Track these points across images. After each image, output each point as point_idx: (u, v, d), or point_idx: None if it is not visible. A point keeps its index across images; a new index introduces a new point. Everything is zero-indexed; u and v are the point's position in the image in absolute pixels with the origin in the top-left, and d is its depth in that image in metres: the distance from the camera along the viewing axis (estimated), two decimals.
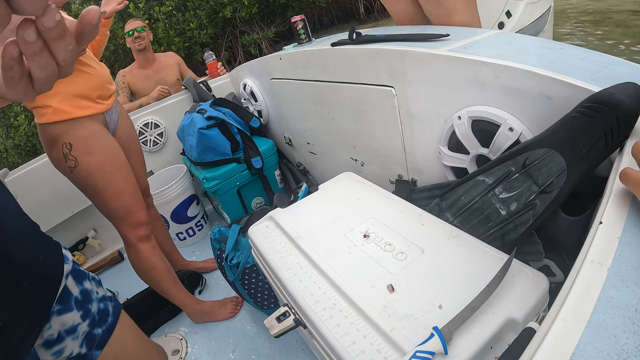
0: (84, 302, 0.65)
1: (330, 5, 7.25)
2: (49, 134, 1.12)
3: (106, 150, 1.18)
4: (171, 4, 5.43)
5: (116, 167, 1.19)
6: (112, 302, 0.73)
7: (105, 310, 0.71)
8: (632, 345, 0.30)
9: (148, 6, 5.44)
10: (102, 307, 0.70)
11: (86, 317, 0.65)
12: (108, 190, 1.17)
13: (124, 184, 1.20)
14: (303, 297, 0.68)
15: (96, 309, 0.68)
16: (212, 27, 5.79)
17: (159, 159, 2.07)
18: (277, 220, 0.93)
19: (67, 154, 1.12)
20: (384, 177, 1.26)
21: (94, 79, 1.18)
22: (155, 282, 1.32)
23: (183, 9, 5.59)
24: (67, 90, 1.11)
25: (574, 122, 0.61)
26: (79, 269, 0.68)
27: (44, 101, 1.09)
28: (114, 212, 1.21)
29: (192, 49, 5.67)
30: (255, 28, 6.51)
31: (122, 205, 1.20)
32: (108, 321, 0.70)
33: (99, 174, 1.15)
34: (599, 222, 0.41)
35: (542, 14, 2.15)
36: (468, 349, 0.52)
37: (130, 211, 1.22)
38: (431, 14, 1.24)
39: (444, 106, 0.93)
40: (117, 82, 2.21)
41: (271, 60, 1.58)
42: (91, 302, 0.67)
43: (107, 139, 1.20)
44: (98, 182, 1.15)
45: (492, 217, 0.76)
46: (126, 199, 1.21)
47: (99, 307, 0.69)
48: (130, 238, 1.25)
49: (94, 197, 1.19)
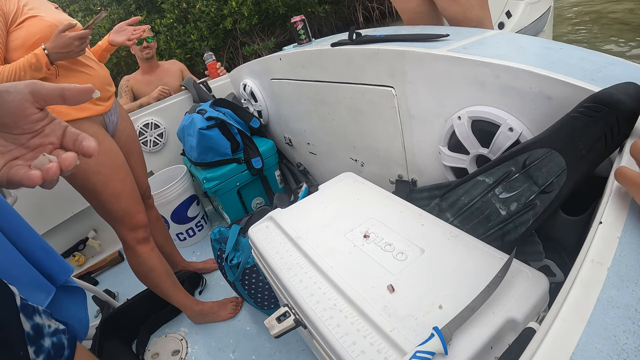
0: (36, 337, 0.62)
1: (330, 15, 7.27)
2: None
3: (104, 153, 1.16)
4: (172, 17, 5.49)
5: (114, 170, 1.18)
6: (66, 335, 0.71)
7: (60, 344, 0.69)
8: (632, 345, 0.30)
9: (149, 18, 5.49)
10: (56, 341, 0.68)
11: (40, 353, 0.62)
12: (105, 193, 1.16)
13: (122, 186, 1.19)
14: (303, 297, 0.68)
15: (50, 343, 0.66)
16: (213, 39, 5.83)
17: (159, 160, 2.07)
18: (277, 221, 0.93)
19: None
20: (384, 177, 1.26)
21: (93, 79, 1.17)
22: (155, 284, 1.31)
23: (184, 21, 5.64)
24: None
25: (574, 122, 0.61)
26: (27, 303, 0.65)
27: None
28: (112, 214, 1.20)
29: (193, 61, 5.71)
30: (256, 39, 6.53)
31: (120, 208, 1.19)
32: (65, 354, 0.69)
33: (96, 176, 1.14)
34: (599, 222, 0.41)
35: (542, 14, 2.16)
36: (468, 349, 0.51)
37: (128, 213, 1.21)
38: (446, 10, 1.25)
39: (444, 106, 0.93)
40: (120, 86, 2.22)
41: (271, 60, 1.58)
42: (43, 338, 0.65)
43: (106, 141, 1.18)
44: (96, 184, 1.14)
45: (492, 217, 0.76)
46: (124, 202, 1.20)
47: (53, 341, 0.68)
48: (128, 240, 1.24)
49: (91, 200, 1.18)
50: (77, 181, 1.15)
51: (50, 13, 1.12)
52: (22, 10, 1.05)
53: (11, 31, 1.03)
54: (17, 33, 1.04)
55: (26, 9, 1.06)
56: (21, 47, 1.04)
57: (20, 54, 1.03)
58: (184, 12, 5.62)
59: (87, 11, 5.66)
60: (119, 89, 2.20)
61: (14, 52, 1.04)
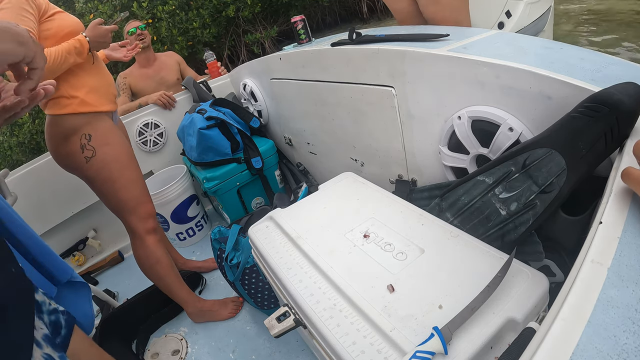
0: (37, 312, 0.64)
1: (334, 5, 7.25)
2: (67, 125, 1.16)
3: (121, 143, 1.25)
4: (174, 3, 5.46)
5: (130, 159, 1.26)
6: (64, 316, 0.72)
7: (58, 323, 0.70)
8: (632, 345, 0.30)
9: (151, 5, 5.46)
10: (54, 319, 0.69)
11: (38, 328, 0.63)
12: (121, 180, 1.22)
13: (136, 175, 1.26)
14: (303, 297, 0.68)
15: (47, 320, 0.67)
16: (215, 26, 5.80)
17: (159, 159, 2.07)
18: (277, 221, 0.93)
19: (85, 145, 1.17)
20: (384, 177, 1.26)
21: (108, 77, 1.27)
22: (159, 277, 1.32)
23: (186, 8, 5.61)
24: (92, 83, 1.18)
25: (574, 122, 0.61)
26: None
27: (69, 92, 1.14)
28: (125, 203, 1.24)
29: (195, 48, 5.69)
30: (258, 27, 6.52)
31: (133, 196, 1.25)
32: (62, 333, 0.69)
33: (115, 163, 1.20)
34: (599, 222, 0.41)
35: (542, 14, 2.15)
36: (468, 349, 0.51)
37: (140, 202, 1.26)
38: (425, 10, 1.26)
39: (444, 106, 0.93)
40: (118, 83, 2.21)
41: (271, 60, 1.58)
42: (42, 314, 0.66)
43: (120, 134, 1.27)
44: (113, 171, 1.20)
45: (492, 217, 0.76)
46: (138, 190, 1.26)
47: (50, 319, 0.68)
48: (138, 230, 1.27)
49: (105, 188, 1.22)
50: (93, 170, 1.19)
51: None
52: (49, 5, 1.14)
53: (42, 22, 1.10)
54: (48, 24, 1.10)
55: (51, 6, 1.15)
56: (53, 37, 1.11)
57: (52, 44, 1.09)
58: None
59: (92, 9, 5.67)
60: (117, 86, 2.20)
61: (45, 41, 1.10)
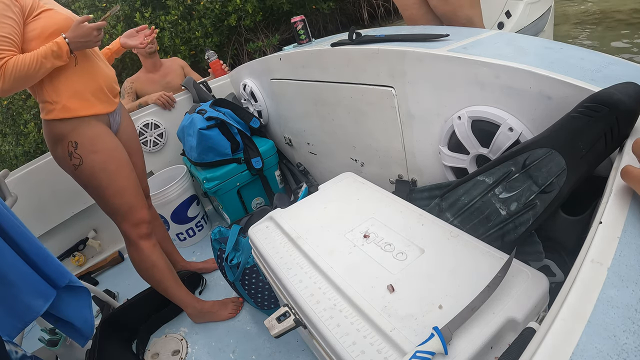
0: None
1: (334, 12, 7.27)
2: (55, 131, 1.14)
3: (110, 149, 1.21)
4: (177, 13, 5.51)
5: (119, 166, 1.22)
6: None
7: None
8: (632, 345, 0.30)
9: (154, 15, 5.50)
10: None
11: None
12: (111, 188, 1.20)
13: (126, 182, 1.23)
14: (303, 297, 0.68)
15: None
16: (218, 35, 5.85)
17: (159, 160, 2.07)
18: (277, 221, 0.93)
19: (72, 152, 1.15)
20: (384, 177, 1.26)
21: (101, 76, 1.21)
22: (157, 281, 1.32)
23: (189, 17, 5.66)
24: (76, 87, 1.14)
25: (574, 122, 0.61)
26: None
27: (52, 96, 1.11)
28: (116, 209, 1.23)
29: (197, 57, 5.73)
30: (260, 36, 6.55)
31: (124, 203, 1.23)
32: None
33: (102, 172, 1.18)
34: (599, 222, 0.41)
35: (542, 14, 2.15)
36: (468, 349, 0.51)
37: (132, 209, 1.24)
38: (437, 8, 1.27)
39: (444, 106, 0.93)
40: (124, 87, 2.22)
41: (271, 60, 1.58)
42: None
43: (111, 139, 1.23)
44: (102, 180, 1.18)
45: (492, 217, 0.76)
46: (128, 197, 1.23)
47: None
48: (131, 236, 1.26)
49: (96, 195, 1.21)
50: (83, 178, 1.18)
51: (63, 8, 1.18)
52: (38, 4, 1.10)
53: (28, 22, 1.07)
54: (34, 24, 1.08)
55: (42, 3, 1.11)
56: (38, 38, 1.07)
57: (37, 45, 1.06)
58: (189, 9, 5.64)
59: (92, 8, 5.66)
60: (122, 90, 2.20)
61: (30, 42, 1.07)
